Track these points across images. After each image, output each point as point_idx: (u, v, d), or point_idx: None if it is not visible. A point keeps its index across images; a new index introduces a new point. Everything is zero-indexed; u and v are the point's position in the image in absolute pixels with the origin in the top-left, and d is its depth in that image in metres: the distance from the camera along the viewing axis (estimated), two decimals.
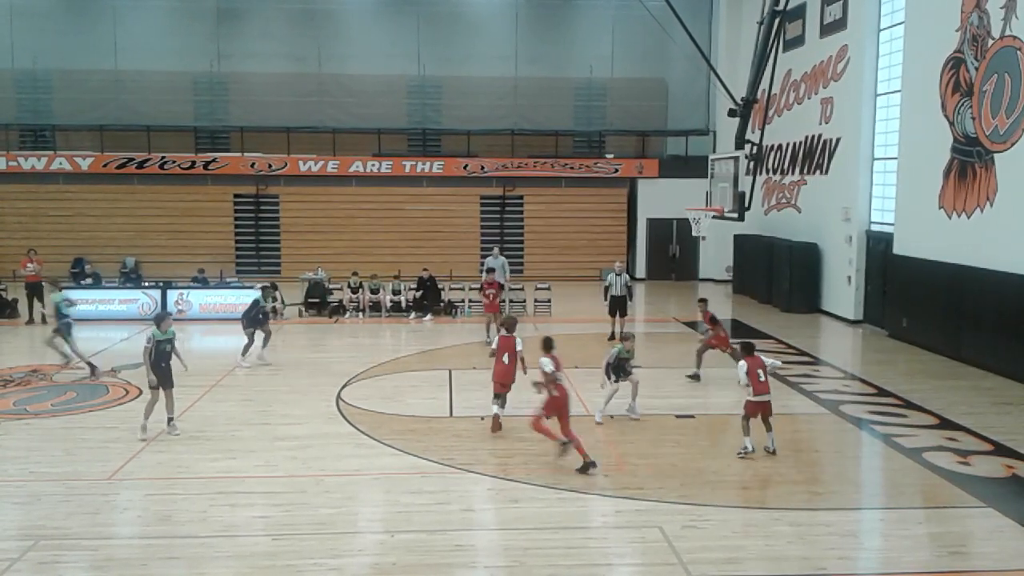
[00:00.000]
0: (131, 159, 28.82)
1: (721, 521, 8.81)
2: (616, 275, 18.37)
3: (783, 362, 13.51)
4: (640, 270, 30.35)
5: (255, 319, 16.12)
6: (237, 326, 16.58)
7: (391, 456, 10.79)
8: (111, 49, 29.03)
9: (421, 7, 30.09)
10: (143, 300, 21.22)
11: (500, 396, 11.92)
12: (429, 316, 21.49)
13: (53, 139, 30.18)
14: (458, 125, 30.47)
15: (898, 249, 19.17)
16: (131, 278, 26.50)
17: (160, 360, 11.45)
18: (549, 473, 10.13)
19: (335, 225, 29.46)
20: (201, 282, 22.58)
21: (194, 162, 29.09)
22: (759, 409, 10.80)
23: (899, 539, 8.50)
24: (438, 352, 17.65)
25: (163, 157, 28.93)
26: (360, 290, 21.86)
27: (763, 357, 11.08)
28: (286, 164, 29.23)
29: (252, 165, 29.06)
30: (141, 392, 13.71)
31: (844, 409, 13.28)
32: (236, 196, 29.52)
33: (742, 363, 10.91)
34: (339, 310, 21.81)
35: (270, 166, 29.10)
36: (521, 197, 30.32)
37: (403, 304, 21.77)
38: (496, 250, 22.73)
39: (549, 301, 22.50)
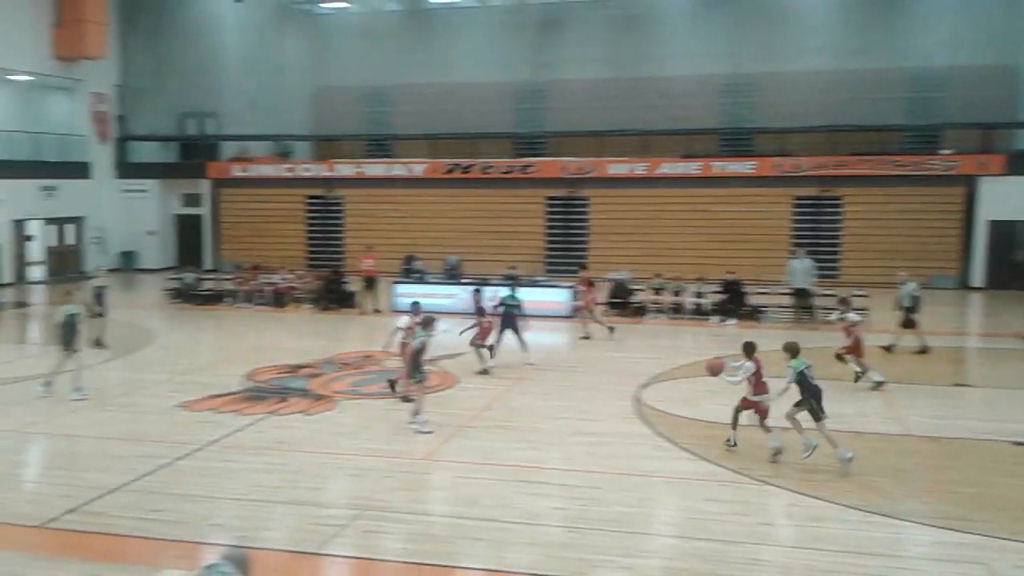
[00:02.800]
0: (457, 164, 31.12)
1: None
2: (902, 285, 16.95)
3: None
4: (977, 278, 27.21)
5: (507, 320, 16.07)
6: (545, 323, 17.23)
7: (687, 461, 10.64)
8: (445, 63, 31.58)
9: (740, 4, 29.38)
10: (462, 296, 22.79)
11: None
12: (733, 320, 20.92)
13: (392, 148, 33.57)
14: (773, 123, 29.35)
15: None
16: (452, 275, 28.56)
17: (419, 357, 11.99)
18: (857, 493, 9.42)
19: (641, 226, 29.61)
20: (512, 280, 23.77)
21: (512, 167, 30.77)
22: None
23: None
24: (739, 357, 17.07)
25: (485, 162, 30.92)
26: (662, 291, 21.81)
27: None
28: (597, 167, 29.94)
29: (565, 169, 30.12)
30: (457, 380, 14.79)
31: None
32: (548, 198, 30.76)
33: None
34: (641, 311, 21.92)
35: (582, 169, 29.98)
36: (839, 197, 28.48)
37: (706, 307, 21.38)
38: (801, 251, 21.51)
39: (867, 310, 20.88)
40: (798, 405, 10.45)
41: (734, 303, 21.29)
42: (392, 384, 13.75)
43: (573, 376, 15.44)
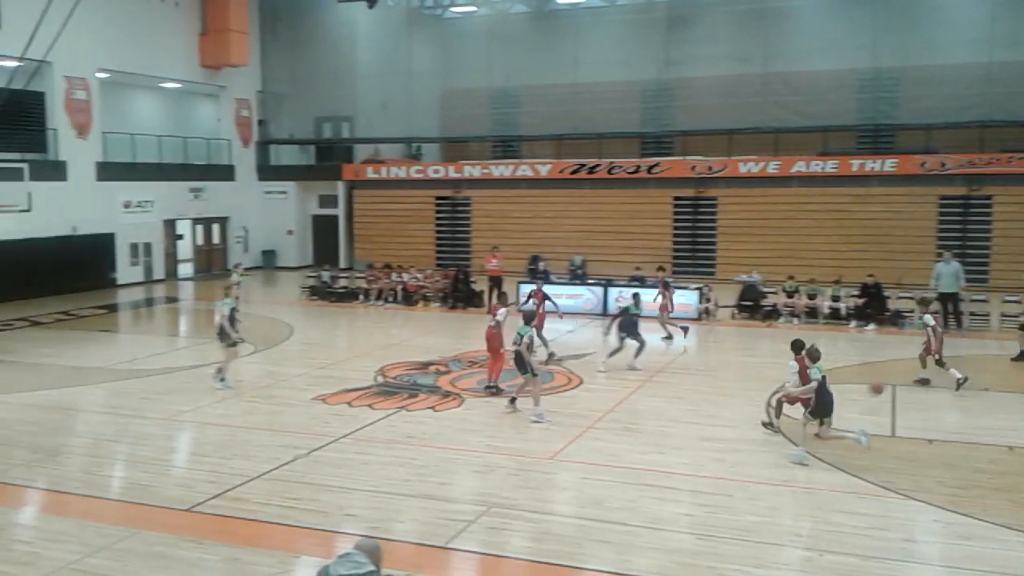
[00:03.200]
0: (583, 165, 31.05)
1: None
2: None
3: None
4: None
5: (628, 326, 15.72)
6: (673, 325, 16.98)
7: (823, 471, 10.23)
8: (571, 63, 31.60)
9: None
10: (587, 296, 22.75)
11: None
12: (872, 325, 20.01)
13: (519, 149, 33.84)
14: (916, 119, 27.93)
15: None
16: (578, 275, 28.55)
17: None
18: (1010, 510, 8.84)
19: (773, 227, 28.71)
20: (638, 281, 23.53)
21: (639, 166, 30.45)
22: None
23: None
24: (880, 365, 16.34)
25: (611, 162, 30.73)
26: (796, 294, 21.10)
27: None
28: (726, 166, 29.27)
29: (693, 168, 29.58)
30: (583, 381, 14.77)
31: None
32: (676, 198, 30.27)
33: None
34: (773, 314, 21.27)
35: (710, 168, 29.37)
36: (989, 197, 26.81)
37: (843, 311, 20.55)
38: (947, 255, 20.31)
39: (1020, 316, 19.57)
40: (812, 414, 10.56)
41: (873, 308, 20.36)
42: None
43: (702, 380, 15.13)
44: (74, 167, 27.00)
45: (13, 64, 18.90)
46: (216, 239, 33.65)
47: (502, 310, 14.29)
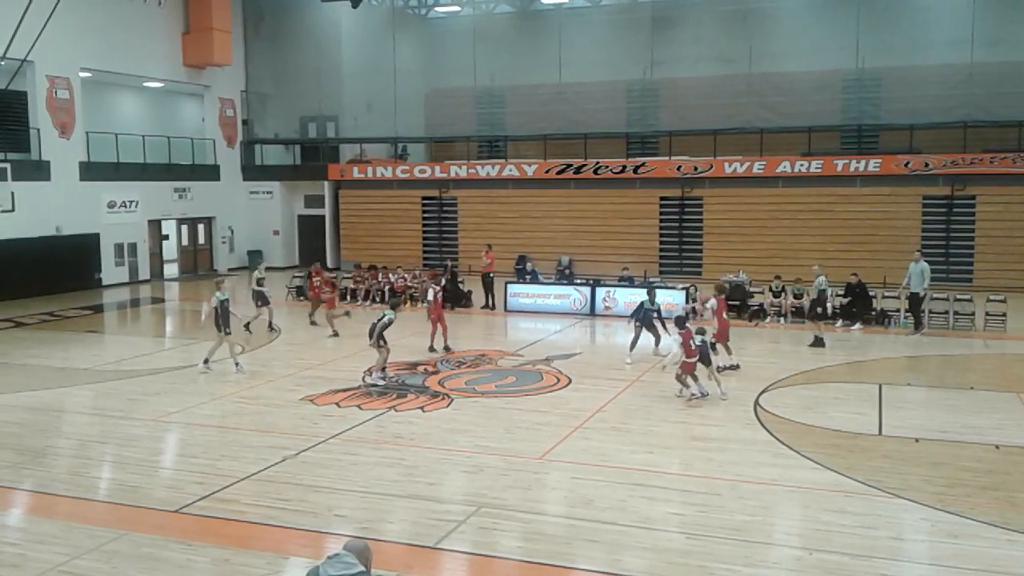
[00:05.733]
0: (569, 165, 31.06)
1: None
2: None
3: None
4: None
5: (645, 320, 16.51)
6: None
7: (811, 470, 10.28)
8: (556, 64, 31.60)
9: None
10: (575, 296, 22.76)
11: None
12: (858, 325, 20.13)
13: (504, 149, 33.83)
14: (899, 119, 28.12)
15: None
16: (565, 275, 28.59)
17: None
18: (997, 509, 8.91)
19: (758, 227, 28.84)
20: (627, 281, 23.60)
21: (624, 166, 30.51)
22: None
23: None
24: (866, 364, 16.46)
25: (597, 162, 30.76)
26: (782, 294, 21.20)
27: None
28: (711, 166, 29.37)
29: (678, 168, 29.66)
30: (571, 381, 14.78)
31: None
32: (662, 198, 30.33)
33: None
34: (759, 314, 21.36)
35: (696, 168, 29.46)
36: (973, 197, 27.03)
37: (828, 311, 20.63)
38: (917, 254, 20.38)
39: (1004, 315, 19.78)
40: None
41: (858, 307, 20.48)
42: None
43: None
44: (57, 167, 26.79)
45: None
46: (201, 239, 33.46)
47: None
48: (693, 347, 13.17)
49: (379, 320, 14.88)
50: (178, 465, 10.95)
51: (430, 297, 17.90)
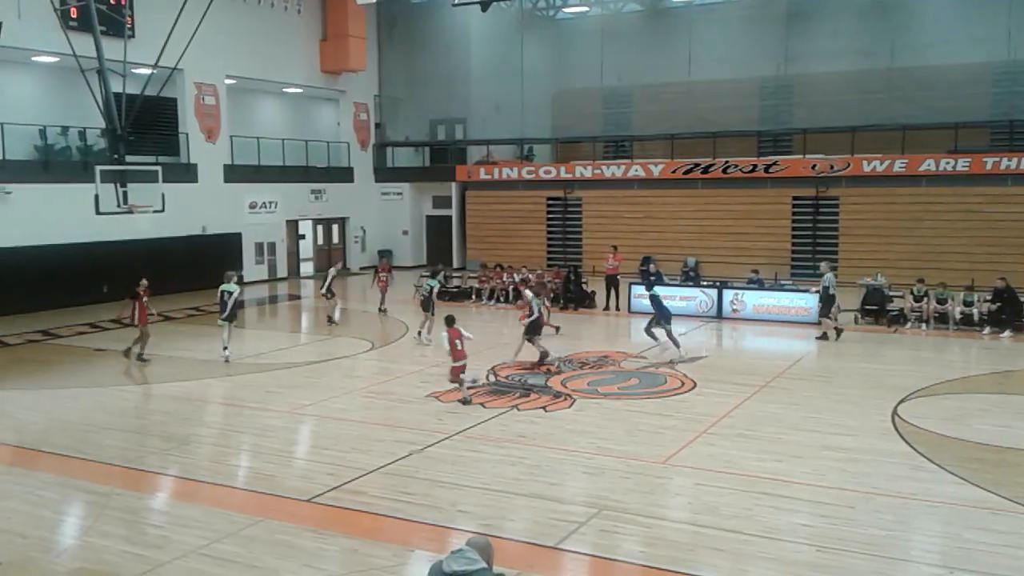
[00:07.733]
0: (697, 164, 30.50)
1: None
2: None
3: None
4: None
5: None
6: (791, 328, 16.53)
7: (953, 484, 9.71)
8: (685, 61, 31.11)
9: None
10: (701, 298, 22.31)
11: None
12: (1008, 332, 18.90)
13: (631, 149, 33.54)
14: None
15: None
16: (691, 277, 28.06)
17: None
18: None
19: (899, 228, 27.48)
20: (756, 283, 22.94)
21: (755, 165, 29.70)
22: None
23: None
24: (1016, 374, 15.42)
25: (726, 161, 30.07)
26: (925, 299, 20.13)
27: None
28: (849, 164, 28.20)
29: (813, 167, 28.63)
30: (696, 385, 14.50)
31: None
32: (795, 198, 29.36)
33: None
34: (899, 319, 20.34)
35: (832, 167, 28.36)
36: None
37: (975, 317, 19.48)
38: None
39: None
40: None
41: (1009, 313, 19.22)
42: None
43: (823, 387, 14.60)
44: (204, 169, 28.36)
45: (147, 72, 19.96)
46: (335, 239, 34.70)
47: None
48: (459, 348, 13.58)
49: (428, 291, 18.49)
50: (311, 456, 11.38)
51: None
